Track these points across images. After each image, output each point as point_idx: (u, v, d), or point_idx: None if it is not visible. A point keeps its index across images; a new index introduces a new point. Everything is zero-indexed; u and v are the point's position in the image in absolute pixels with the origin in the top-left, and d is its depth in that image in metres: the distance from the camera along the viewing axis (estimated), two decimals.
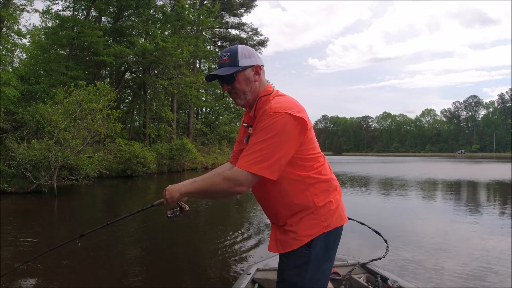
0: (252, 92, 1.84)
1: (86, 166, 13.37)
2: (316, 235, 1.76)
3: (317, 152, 1.82)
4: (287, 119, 1.63)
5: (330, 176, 1.87)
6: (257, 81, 1.84)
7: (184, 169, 25.67)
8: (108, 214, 10.43)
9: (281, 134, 1.62)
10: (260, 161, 1.62)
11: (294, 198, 1.77)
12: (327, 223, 1.78)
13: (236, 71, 1.77)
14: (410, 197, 12.69)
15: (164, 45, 22.20)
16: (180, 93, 26.50)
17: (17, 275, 4.75)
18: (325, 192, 1.81)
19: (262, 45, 43.48)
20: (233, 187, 1.67)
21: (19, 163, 12.25)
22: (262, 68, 1.86)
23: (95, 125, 13.46)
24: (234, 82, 1.80)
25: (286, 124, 1.63)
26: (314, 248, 1.76)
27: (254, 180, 1.66)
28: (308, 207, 1.77)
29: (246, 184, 1.66)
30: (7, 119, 14.85)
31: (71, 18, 22.64)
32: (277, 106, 1.67)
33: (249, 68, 1.80)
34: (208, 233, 7.00)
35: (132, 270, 5.14)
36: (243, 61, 1.78)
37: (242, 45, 1.85)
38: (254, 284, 3.04)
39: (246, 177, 1.64)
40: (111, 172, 18.85)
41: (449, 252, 5.71)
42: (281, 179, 1.74)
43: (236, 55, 1.78)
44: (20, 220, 8.64)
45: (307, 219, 1.77)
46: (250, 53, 1.82)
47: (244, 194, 2.23)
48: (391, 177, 20.23)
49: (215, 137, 39.21)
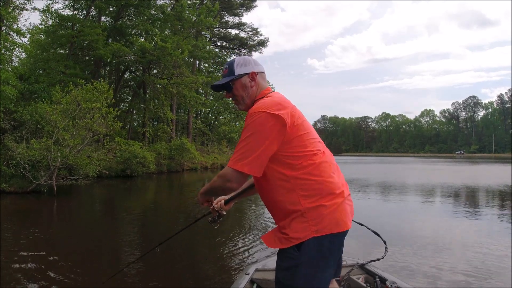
0: (249, 97, 1.97)
1: (85, 166, 13.35)
2: (305, 239, 1.72)
3: (308, 150, 1.79)
4: (264, 117, 1.72)
5: (324, 178, 1.79)
6: (253, 86, 1.96)
7: (184, 169, 25.65)
8: (107, 214, 10.44)
9: (259, 132, 1.71)
10: (242, 159, 1.71)
11: (282, 197, 1.79)
12: (317, 228, 1.72)
13: (231, 79, 1.94)
14: (408, 198, 12.72)
15: (163, 45, 22.17)
16: (179, 94, 26.47)
17: (17, 274, 4.75)
18: (316, 194, 1.75)
19: (262, 45, 43.47)
20: (224, 183, 1.79)
21: (18, 163, 12.23)
22: (260, 74, 1.99)
23: (94, 125, 13.46)
24: (233, 89, 1.97)
25: (263, 123, 1.71)
26: (304, 252, 1.73)
27: (239, 176, 1.75)
28: (296, 208, 1.75)
29: (234, 180, 1.76)
30: (6, 119, 14.85)
31: (71, 17, 22.61)
32: (258, 106, 1.78)
33: (245, 75, 1.95)
34: (207, 234, 7.00)
35: (130, 270, 5.14)
36: (239, 70, 1.95)
37: (240, 57, 2.04)
38: (252, 284, 3.03)
39: (232, 174, 1.75)
40: (111, 172, 18.84)
41: (448, 253, 5.72)
42: (270, 178, 1.80)
43: (233, 66, 1.96)
44: (19, 220, 8.63)
45: (297, 221, 1.75)
46: (246, 62, 1.98)
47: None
48: (389, 182, 20.24)
49: (215, 137, 39.22)
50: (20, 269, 4.97)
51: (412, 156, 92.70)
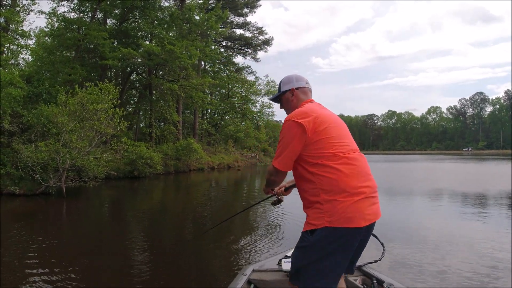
0: (290, 108, 2.45)
1: (93, 168, 13.39)
2: (318, 227, 2.07)
3: (327, 151, 2.13)
4: (290, 124, 2.19)
5: (341, 177, 2.08)
6: (293, 100, 2.46)
7: (191, 170, 25.68)
8: (116, 215, 10.49)
9: (287, 136, 2.18)
10: (276, 157, 2.23)
11: (307, 189, 2.18)
12: (330, 219, 2.03)
13: (279, 95, 2.53)
14: (408, 200, 12.58)
15: (172, 48, 22.17)
16: (186, 95, 26.52)
17: (17, 275, 4.77)
18: (332, 190, 2.06)
19: (267, 44, 43.42)
20: (269, 177, 2.35)
21: (26, 165, 12.29)
22: (301, 89, 2.48)
23: (101, 126, 13.49)
24: (281, 103, 2.55)
25: (289, 129, 2.18)
26: (316, 238, 2.07)
27: (277, 171, 2.25)
28: (316, 200, 2.11)
29: (273, 174, 2.29)
30: (14, 121, 14.94)
31: (76, 20, 22.70)
32: (289, 115, 2.25)
33: (288, 91, 2.48)
34: (205, 234, 7.01)
35: (129, 270, 5.15)
36: (284, 87, 2.50)
37: (287, 75, 2.54)
38: (249, 285, 3.08)
39: (271, 169, 2.28)
40: (119, 173, 18.92)
41: (446, 255, 5.64)
42: (299, 172, 2.24)
43: (280, 84, 2.54)
44: (30, 222, 8.69)
45: (315, 210, 2.11)
46: (289, 80, 2.50)
47: (241, 193, 2.39)
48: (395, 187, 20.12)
49: (221, 137, 39.25)
50: (30, 271, 4.99)
51: (419, 154, 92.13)
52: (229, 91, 41.31)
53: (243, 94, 41.87)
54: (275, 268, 3.29)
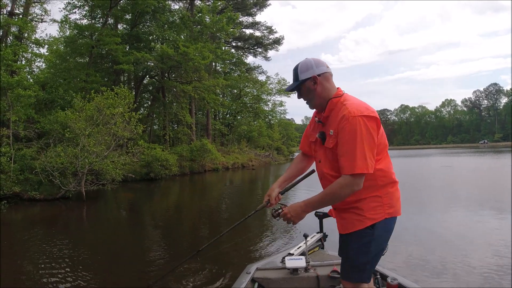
0: (316, 98, 2.14)
1: (111, 171, 13.56)
2: (379, 220, 2.06)
3: (382, 144, 2.07)
4: (364, 120, 1.93)
5: (390, 169, 2.13)
6: (317, 88, 2.12)
7: (206, 170, 25.80)
8: (135, 218, 10.59)
9: (365, 133, 1.93)
10: (359, 161, 1.92)
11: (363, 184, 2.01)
12: (390, 211, 2.08)
13: (297, 85, 2.15)
14: (411, 195, 12.36)
15: (186, 50, 22.28)
16: (199, 96, 26.65)
17: (17, 275, 4.87)
18: (388, 182, 2.09)
19: (277, 43, 43.37)
20: (352, 188, 1.96)
21: (44, 170, 12.48)
22: (323, 75, 2.12)
23: (118, 130, 13.65)
24: (300, 93, 2.19)
25: (365, 125, 1.93)
26: (377, 230, 2.06)
27: (361, 179, 1.95)
28: (373, 194, 2.06)
29: (357, 183, 1.95)
30: (30, 127, 15.19)
31: (89, 27, 22.99)
32: (352, 112, 1.95)
33: (308, 80, 2.12)
34: (208, 233, 7.05)
35: (129, 270, 5.20)
36: (302, 75, 2.12)
37: (303, 61, 2.17)
38: (254, 283, 3.08)
39: (355, 178, 1.94)
40: (136, 175, 19.13)
41: (450, 250, 5.62)
42: None
43: (297, 71, 2.15)
44: (52, 226, 8.84)
45: (371, 204, 2.06)
46: (308, 67, 2.13)
47: (240, 193, 2.36)
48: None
49: (234, 137, 39.32)
50: (53, 272, 5.08)
51: (434, 148, 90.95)
52: (241, 91, 41.37)
53: (255, 93, 41.87)
54: (279, 266, 3.29)
